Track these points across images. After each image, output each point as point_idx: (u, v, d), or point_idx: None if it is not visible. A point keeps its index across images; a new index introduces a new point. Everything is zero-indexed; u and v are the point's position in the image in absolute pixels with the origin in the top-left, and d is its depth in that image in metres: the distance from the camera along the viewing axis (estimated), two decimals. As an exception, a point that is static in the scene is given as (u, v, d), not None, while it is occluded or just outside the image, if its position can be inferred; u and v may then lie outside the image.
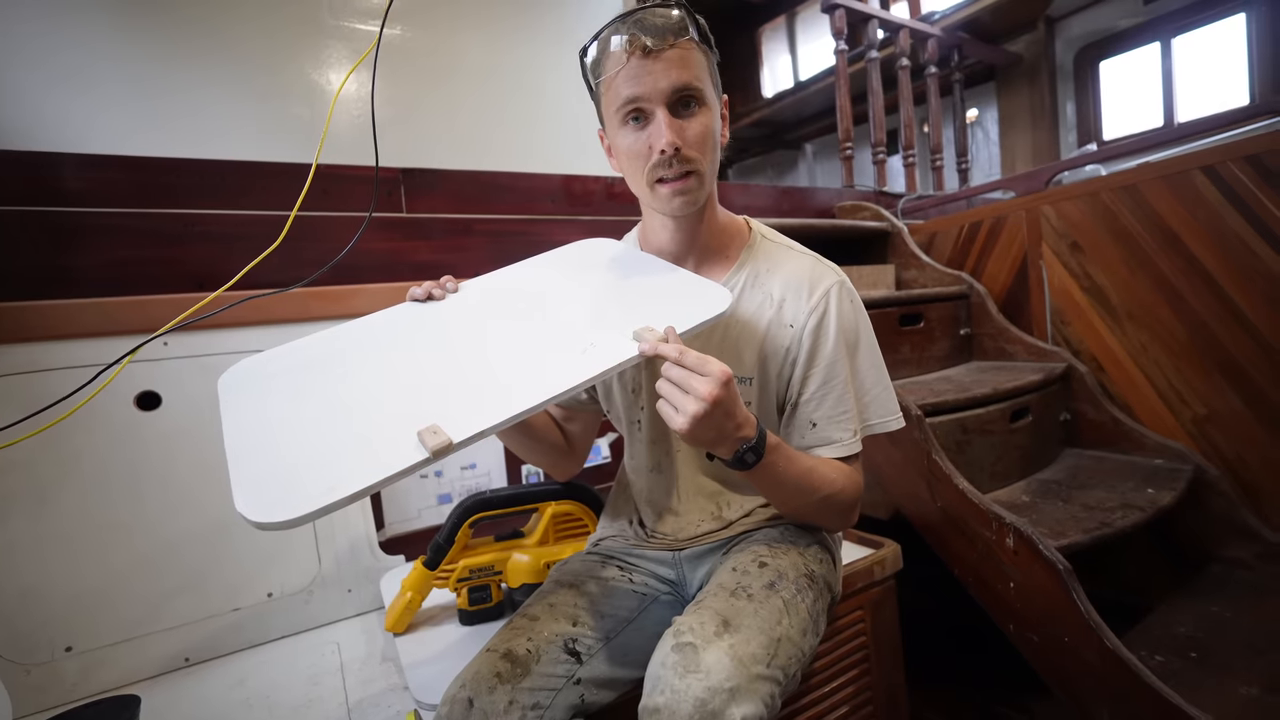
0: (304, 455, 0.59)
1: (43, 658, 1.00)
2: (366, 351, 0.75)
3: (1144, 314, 1.58)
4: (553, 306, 0.79)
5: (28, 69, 1.46)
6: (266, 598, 1.17)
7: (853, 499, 0.81)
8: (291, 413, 0.65)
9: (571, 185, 1.77)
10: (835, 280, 0.81)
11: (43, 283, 1.13)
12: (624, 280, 0.82)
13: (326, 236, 1.38)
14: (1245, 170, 1.39)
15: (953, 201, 2.56)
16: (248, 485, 0.56)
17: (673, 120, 0.71)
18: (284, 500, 0.53)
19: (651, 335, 0.67)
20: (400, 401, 0.65)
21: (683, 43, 0.71)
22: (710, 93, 0.75)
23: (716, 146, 0.77)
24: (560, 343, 0.71)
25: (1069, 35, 3.84)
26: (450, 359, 0.71)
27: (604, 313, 0.76)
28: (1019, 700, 1.41)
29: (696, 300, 0.73)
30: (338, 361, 0.73)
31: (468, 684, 0.69)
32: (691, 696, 0.58)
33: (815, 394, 0.80)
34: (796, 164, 5.55)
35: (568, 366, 0.66)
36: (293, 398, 0.68)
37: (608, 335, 0.69)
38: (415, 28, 2.00)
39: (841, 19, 2.54)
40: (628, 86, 0.71)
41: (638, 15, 0.72)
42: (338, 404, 0.66)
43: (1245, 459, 1.43)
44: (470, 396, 0.64)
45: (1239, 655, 1.10)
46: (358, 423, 0.63)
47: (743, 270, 0.84)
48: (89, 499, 1.05)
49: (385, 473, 0.55)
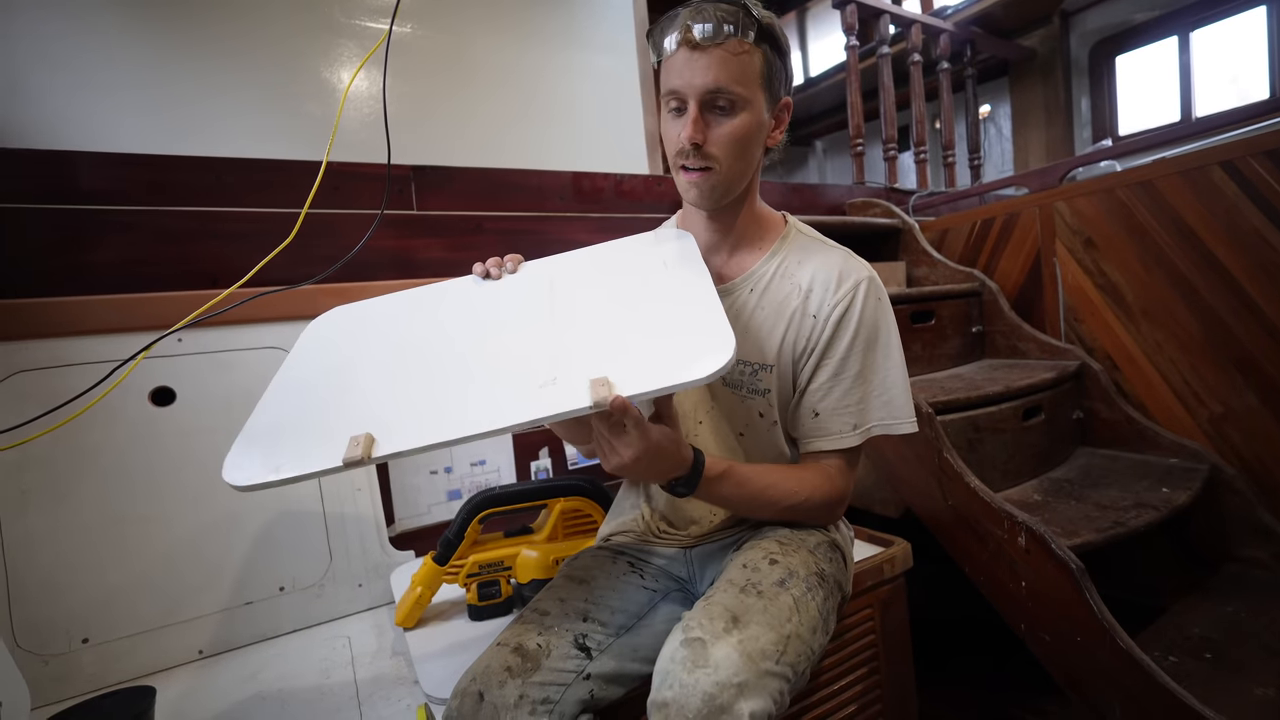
0: (287, 427, 0.70)
1: (60, 649, 1.01)
2: (400, 330, 0.83)
3: (1159, 311, 1.56)
4: (562, 313, 0.78)
5: (49, 71, 1.48)
6: (278, 591, 1.18)
7: (823, 503, 0.82)
8: (305, 381, 0.77)
9: (581, 183, 1.77)
10: (864, 275, 0.81)
11: (61, 279, 1.14)
12: (646, 298, 0.78)
13: (338, 233, 1.39)
14: (1265, 165, 1.37)
15: (965, 198, 2.53)
16: (242, 439, 0.69)
17: (700, 118, 0.73)
18: (244, 466, 0.64)
19: (605, 392, 0.62)
20: (372, 399, 0.71)
21: (732, 43, 0.71)
22: (754, 95, 0.75)
23: (750, 149, 0.78)
24: (532, 366, 0.69)
25: (1084, 29, 3.79)
26: (439, 359, 0.76)
27: (595, 336, 0.73)
28: (1030, 700, 1.40)
29: (692, 349, 0.67)
30: (376, 334, 0.84)
31: (478, 678, 0.70)
32: (700, 691, 0.58)
33: (823, 385, 0.80)
34: (807, 160, 5.52)
35: (519, 400, 0.65)
36: (315, 368, 0.80)
37: (575, 372, 0.67)
38: (426, 26, 2.01)
39: (853, 14, 2.52)
40: (672, 77, 0.75)
41: (699, 5, 0.73)
42: (335, 386, 0.74)
43: (1262, 458, 1.41)
44: (421, 409, 0.68)
45: (1254, 656, 1.09)
46: (331, 412, 0.70)
47: (774, 259, 0.85)
48: (105, 493, 1.07)
49: (309, 469, 0.63)
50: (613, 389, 0.62)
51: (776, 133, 0.82)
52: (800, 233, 0.89)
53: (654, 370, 0.64)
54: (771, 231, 0.88)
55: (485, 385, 0.69)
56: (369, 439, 0.63)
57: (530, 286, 0.84)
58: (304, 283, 1.01)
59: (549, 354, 0.70)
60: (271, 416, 0.72)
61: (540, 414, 0.62)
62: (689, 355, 0.65)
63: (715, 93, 0.73)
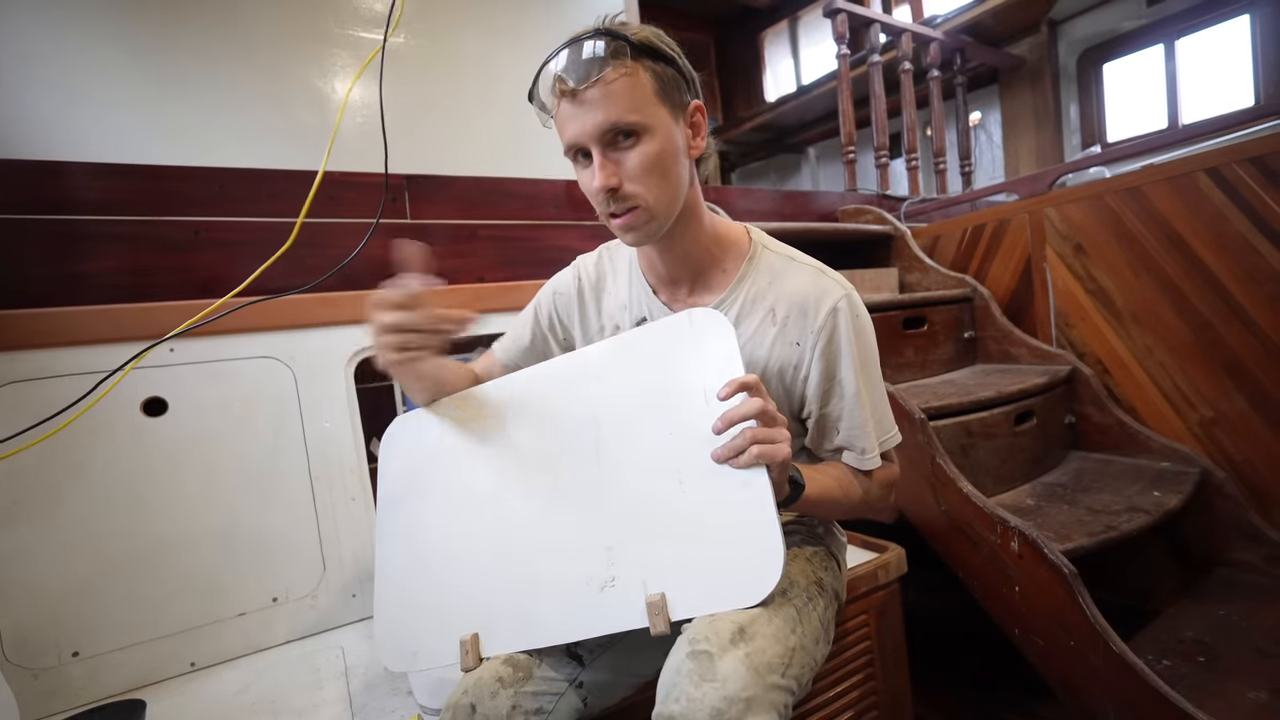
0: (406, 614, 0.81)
1: (49, 662, 1.00)
2: (461, 479, 0.83)
3: (1148, 316, 1.58)
4: (610, 472, 0.73)
5: (42, 81, 1.48)
6: (272, 602, 1.17)
7: (883, 489, 0.83)
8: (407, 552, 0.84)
9: (575, 191, 1.76)
10: (840, 295, 0.77)
11: (53, 290, 1.14)
12: (693, 465, 0.69)
13: (331, 242, 1.39)
14: (1249, 171, 1.39)
15: (956, 204, 2.55)
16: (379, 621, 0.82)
17: (606, 160, 0.70)
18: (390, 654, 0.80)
19: (662, 626, 0.65)
20: (461, 588, 0.78)
21: (608, 74, 0.67)
22: (652, 114, 0.70)
23: (670, 170, 0.72)
24: (590, 557, 0.71)
25: (1072, 38, 3.83)
26: (506, 539, 0.78)
27: (644, 520, 0.70)
28: (1024, 705, 1.40)
29: (743, 568, 0.65)
30: (439, 483, 0.84)
31: (470, 689, 0.69)
32: (708, 705, 0.57)
33: (835, 409, 0.79)
34: (800, 168, 5.55)
35: (585, 608, 0.70)
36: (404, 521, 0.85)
37: (630, 574, 0.69)
38: (419, 35, 2.01)
39: (843, 23, 2.54)
40: (564, 131, 0.72)
41: (561, 53, 0.70)
42: (424, 566, 0.82)
43: (1252, 461, 1.43)
44: (503, 608, 0.75)
45: (1247, 659, 1.09)
46: (434, 600, 0.80)
47: (741, 286, 0.81)
48: (96, 504, 1.06)
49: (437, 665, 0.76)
50: (668, 615, 0.66)
51: (698, 140, 0.77)
52: (766, 249, 0.83)
53: (706, 593, 0.66)
54: (734, 252, 0.83)
55: (554, 583, 0.73)
56: (475, 641, 0.74)
57: (575, 425, 0.77)
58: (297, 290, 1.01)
59: (603, 541, 0.71)
60: (392, 592, 0.82)
61: (606, 629, 0.68)
62: (740, 576, 0.65)
63: (610, 130, 0.69)
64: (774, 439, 0.64)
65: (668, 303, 0.85)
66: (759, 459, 0.64)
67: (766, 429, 0.65)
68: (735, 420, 0.65)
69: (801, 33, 5.12)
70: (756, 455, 0.64)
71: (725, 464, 0.66)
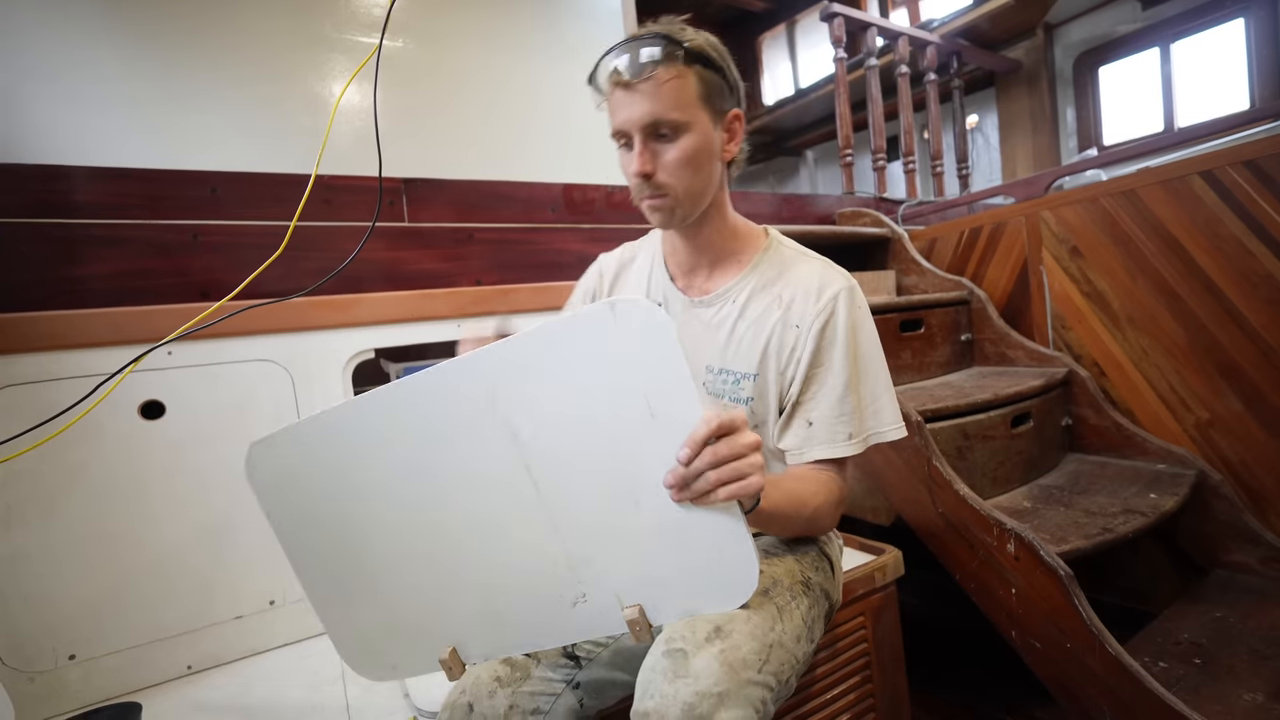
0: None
1: (46, 665, 1.00)
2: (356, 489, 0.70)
3: (1144, 318, 1.58)
4: (550, 495, 0.62)
5: (38, 85, 1.48)
6: (269, 605, 1.17)
7: (833, 505, 0.81)
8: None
9: (572, 194, 1.79)
10: (844, 285, 0.82)
11: (50, 293, 1.14)
12: (646, 482, 0.60)
13: (328, 246, 1.39)
14: (1243, 174, 1.39)
15: (953, 207, 2.56)
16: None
17: (646, 148, 0.77)
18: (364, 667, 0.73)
19: (644, 635, 0.63)
20: (413, 596, 0.70)
21: (660, 72, 0.74)
22: (695, 116, 0.77)
23: (702, 168, 0.79)
24: (555, 574, 0.64)
25: (1068, 41, 3.85)
26: (457, 551, 0.67)
27: (600, 533, 0.62)
28: (1021, 707, 1.40)
29: (718, 575, 0.62)
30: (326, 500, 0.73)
31: (467, 690, 0.70)
32: (680, 701, 0.58)
33: (814, 394, 0.81)
34: (798, 171, 5.57)
35: (560, 620, 0.66)
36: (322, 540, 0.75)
37: (600, 588, 0.63)
38: (416, 39, 2.02)
39: (840, 27, 2.55)
40: (614, 116, 0.79)
41: (623, 46, 0.76)
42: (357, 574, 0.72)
43: (1248, 463, 1.43)
44: (476, 617, 0.68)
45: (1243, 661, 1.09)
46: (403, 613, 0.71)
47: (754, 273, 0.86)
48: (93, 508, 1.06)
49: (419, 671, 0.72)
50: (649, 624, 0.63)
51: (731, 145, 0.83)
52: (780, 245, 0.90)
53: (684, 604, 0.64)
54: (751, 245, 0.89)
55: (523, 598, 0.66)
56: (454, 655, 0.68)
57: (490, 437, 0.62)
58: (294, 295, 1.01)
59: (564, 561, 0.64)
60: (335, 615, 0.73)
61: (583, 636, 0.67)
62: (715, 588, 0.62)
63: (654, 124, 0.75)
64: (744, 473, 0.56)
65: (684, 290, 0.90)
66: (730, 499, 0.57)
67: (735, 464, 0.56)
68: (699, 472, 0.56)
69: (799, 36, 5.14)
70: (725, 497, 0.57)
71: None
